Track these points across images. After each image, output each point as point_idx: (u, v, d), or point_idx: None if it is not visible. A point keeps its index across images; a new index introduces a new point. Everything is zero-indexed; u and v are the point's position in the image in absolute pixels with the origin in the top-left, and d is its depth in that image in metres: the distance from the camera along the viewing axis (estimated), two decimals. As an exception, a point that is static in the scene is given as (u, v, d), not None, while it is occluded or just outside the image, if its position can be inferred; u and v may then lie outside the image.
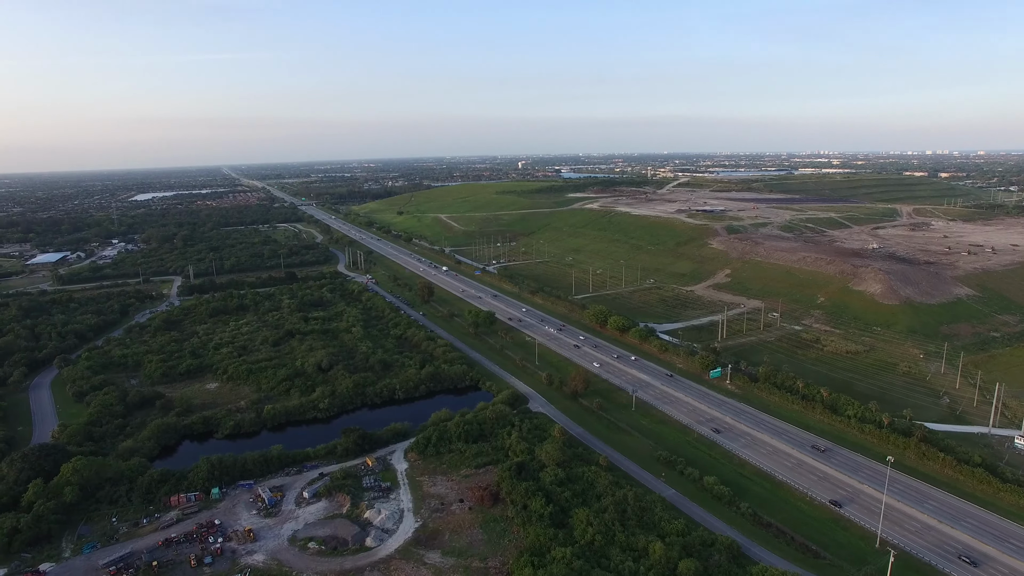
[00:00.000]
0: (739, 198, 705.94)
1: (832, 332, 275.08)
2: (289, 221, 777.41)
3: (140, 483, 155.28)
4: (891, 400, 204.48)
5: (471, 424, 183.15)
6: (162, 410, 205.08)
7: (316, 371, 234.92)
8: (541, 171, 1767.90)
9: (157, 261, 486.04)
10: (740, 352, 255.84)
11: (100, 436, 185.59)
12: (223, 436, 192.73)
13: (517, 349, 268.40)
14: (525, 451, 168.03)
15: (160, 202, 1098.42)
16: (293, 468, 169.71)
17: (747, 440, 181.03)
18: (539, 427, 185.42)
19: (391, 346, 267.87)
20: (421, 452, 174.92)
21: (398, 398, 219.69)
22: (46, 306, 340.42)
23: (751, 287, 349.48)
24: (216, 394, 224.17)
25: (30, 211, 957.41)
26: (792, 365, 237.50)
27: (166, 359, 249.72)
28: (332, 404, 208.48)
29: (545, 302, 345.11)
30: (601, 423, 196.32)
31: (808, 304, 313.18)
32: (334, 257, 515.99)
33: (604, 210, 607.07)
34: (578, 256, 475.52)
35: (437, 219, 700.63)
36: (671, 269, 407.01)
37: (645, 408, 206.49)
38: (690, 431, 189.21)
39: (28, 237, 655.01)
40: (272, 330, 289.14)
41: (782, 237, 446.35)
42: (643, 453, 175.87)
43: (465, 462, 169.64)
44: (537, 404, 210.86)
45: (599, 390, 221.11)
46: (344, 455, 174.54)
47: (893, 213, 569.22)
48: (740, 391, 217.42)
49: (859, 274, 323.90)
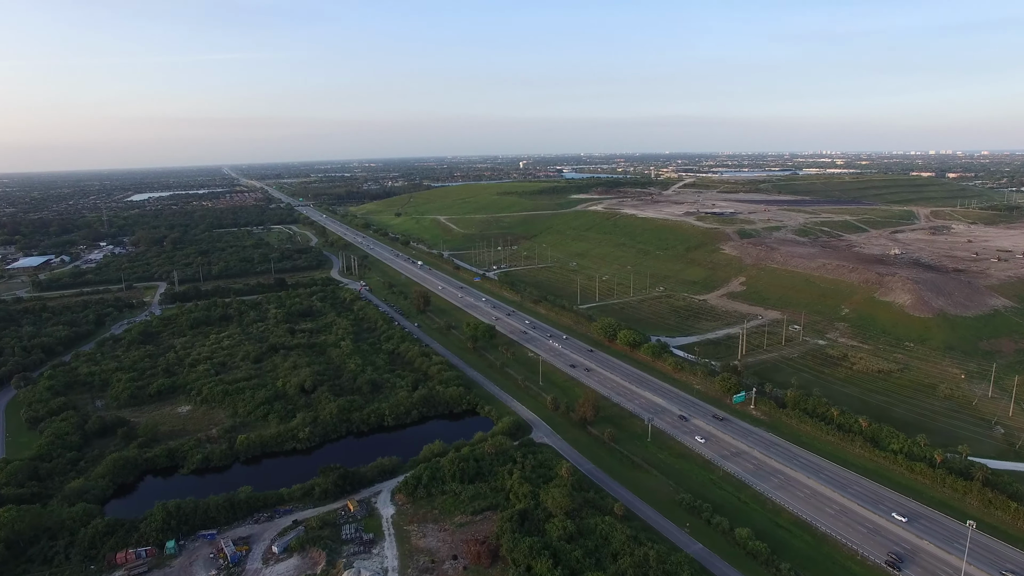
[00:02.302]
0: (748, 200, 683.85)
1: (860, 348, 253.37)
2: (284, 223, 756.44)
3: (82, 536, 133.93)
4: (936, 430, 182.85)
5: (467, 461, 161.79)
6: (124, 439, 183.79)
7: (298, 393, 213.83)
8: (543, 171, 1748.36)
9: (143, 266, 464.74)
10: (762, 371, 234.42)
11: (47, 473, 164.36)
12: (189, 471, 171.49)
13: (519, 367, 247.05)
14: (529, 495, 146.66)
15: (155, 202, 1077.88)
16: (263, 513, 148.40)
17: (780, 480, 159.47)
18: (544, 464, 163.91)
19: (382, 363, 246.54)
20: (410, 494, 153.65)
21: (387, 425, 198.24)
22: (16, 316, 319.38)
23: (768, 296, 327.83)
24: (187, 419, 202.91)
25: (22, 212, 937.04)
26: (820, 386, 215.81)
27: (136, 378, 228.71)
28: (314, 433, 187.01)
29: (549, 312, 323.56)
30: (614, 457, 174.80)
31: (831, 316, 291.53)
32: (328, 261, 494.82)
33: (609, 212, 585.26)
34: (583, 261, 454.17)
35: (436, 221, 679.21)
36: (682, 276, 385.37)
37: (662, 439, 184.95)
38: (714, 467, 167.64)
39: (14, 239, 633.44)
40: (255, 344, 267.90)
41: (798, 242, 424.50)
42: (663, 496, 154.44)
43: (460, 507, 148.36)
44: (541, 434, 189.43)
45: (610, 416, 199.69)
46: (322, 497, 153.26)
47: (910, 216, 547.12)
48: (767, 418, 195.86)
49: (885, 283, 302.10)
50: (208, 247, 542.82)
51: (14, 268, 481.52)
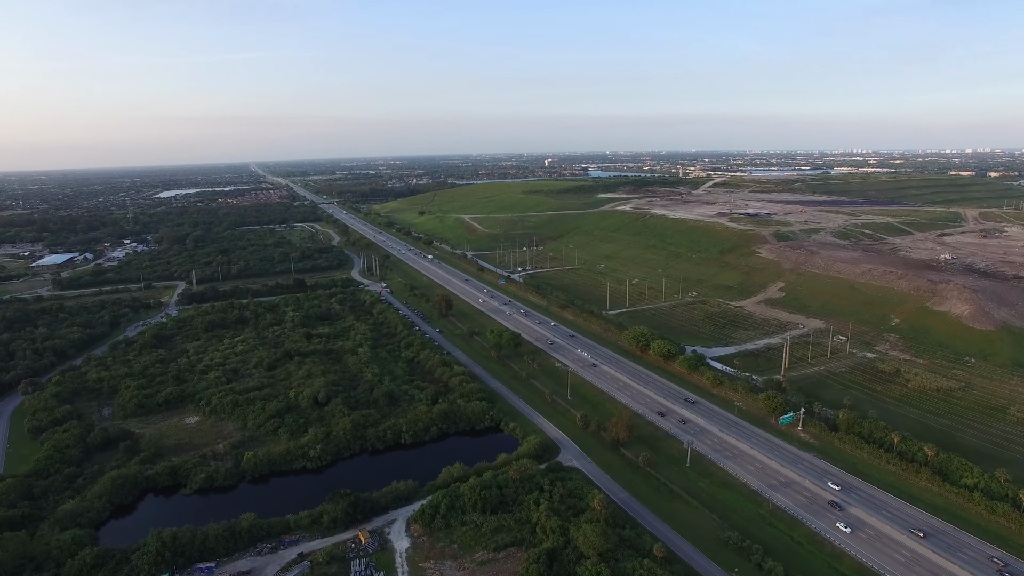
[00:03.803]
0: (782, 200, 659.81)
1: (914, 363, 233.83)
2: (307, 221, 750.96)
3: (69, 569, 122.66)
4: (1012, 461, 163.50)
5: (490, 488, 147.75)
6: (126, 454, 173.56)
7: (311, 405, 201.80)
8: (568, 169, 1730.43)
9: (163, 264, 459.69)
10: (807, 387, 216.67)
11: (42, 492, 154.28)
12: (192, 491, 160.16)
13: (546, 379, 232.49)
14: (557, 530, 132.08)
15: (182, 200, 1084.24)
16: (267, 544, 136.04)
17: (838, 516, 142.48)
18: (574, 493, 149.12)
19: (400, 372, 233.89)
20: (427, 525, 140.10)
21: (404, 442, 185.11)
22: (33, 316, 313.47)
23: (810, 304, 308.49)
24: (194, 432, 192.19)
25: (53, 208, 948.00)
26: (872, 405, 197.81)
27: (145, 385, 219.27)
28: (325, 451, 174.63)
29: (576, 318, 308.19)
30: (650, 485, 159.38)
31: (880, 326, 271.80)
32: (349, 261, 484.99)
33: (638, 212, 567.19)
34: (611, 263, 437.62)
35: (460, 220, 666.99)
36: (716, 280, 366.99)
37: (702, 464, 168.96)
38: (762, 500, 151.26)
39: (42, 236, 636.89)
40: (269, 350, 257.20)
41: (838, 245, 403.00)
42: (706, 533, 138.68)
43: (481, 541, 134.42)
44: (570, 455, 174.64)
45: (644, 436, 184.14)
46: (331, 527, 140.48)
47: (957, 217, 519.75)
48: (817, 442, 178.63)
49: (939, 291, 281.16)
50: (229, 245, 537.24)
51: (38, 266, 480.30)
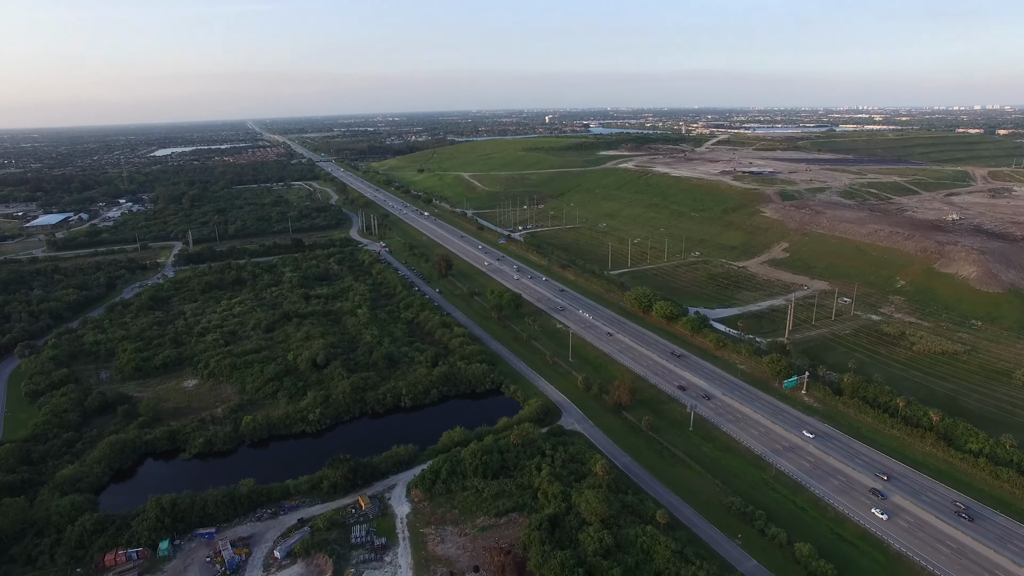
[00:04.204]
0: (786, 158, 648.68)
1: (919, 325, 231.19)
2: (305, 179, 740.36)
3: (69, 534, 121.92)
4: (1017, 425, 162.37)
5: (491, 453, 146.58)
6: (124, 418, 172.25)
7: (310, 368, 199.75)
8: (569, 126, 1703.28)
9: (159, 224, 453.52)
10: (811, 349, 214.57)
11: (41, 457, 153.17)
12: (191, 456, 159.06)
13: (547, 339, 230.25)
14: (559, 496, 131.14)
15: (177, 158, 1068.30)
16: (267, 510, 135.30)
17: (841, 482, 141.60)
18: (576, 457, 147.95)
19: (400, 334, 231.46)
20: (428, 490, 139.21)
21: (404, 405, 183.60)
22: (28, 277, 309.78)
23: (814, 265, 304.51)
24: (193, 395, 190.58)
25: (47, 167, 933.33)
26: (876, 368, 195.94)
27: (143, 348, 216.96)
28: (325, 415, 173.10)
29: (578, 278, 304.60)
30: (652, 449, 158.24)
31: (885, 288, 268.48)
32: (347, 220, 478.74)
33: (640, 170, 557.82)
34: (612, 222, 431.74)
35: (459, 178, 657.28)
36: (719, 240, 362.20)
37: (705, 428, 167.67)
38: (766, 465, 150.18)
39: (36, 196, 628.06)
40: (267, 311, 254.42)
41: (844, 205, 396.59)
42: (709, 498, 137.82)
43: (483, 506, 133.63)
44: (572, 419, 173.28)
45: (646, 399, 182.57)
46: (331, 492, 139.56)
47: (965, 177, 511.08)
48: (821, 405, 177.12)
49: (946, 252, 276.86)
50: (226, 205, 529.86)
51: (32, 226, 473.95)
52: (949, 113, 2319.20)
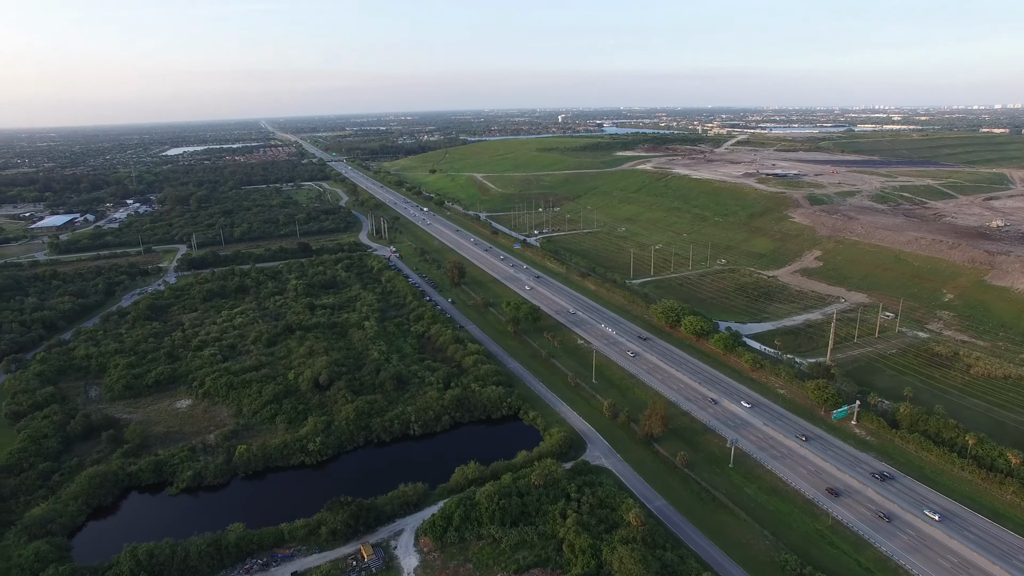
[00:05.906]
0: (810, 160, 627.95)
1: (974, 344, 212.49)
2: (315, 179, 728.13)
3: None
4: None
5: (509, 496, 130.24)
6: (109, 445, 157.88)
7: (312, 389, 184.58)
8: (582, 125, 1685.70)
9: (165, 227, 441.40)
10: (855, 371, 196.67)
11: (12, 491, 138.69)
12: (179, 490, 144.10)
13: (567, 357, 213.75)
14: (588, 551, 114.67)
15: (188, 157, 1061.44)
16: (257, 560, 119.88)
17: (911, 537, 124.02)
18: (606, 502, 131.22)
19: (410, 350, 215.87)
20: (439, 538, 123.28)
21: (413, 433, 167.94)
22: (24, 283, 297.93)
23: (850, 275, 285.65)
24: (185, 418, 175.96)
25: (59, 167, 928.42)
26: (934, 396, 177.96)
27: (135, 364, 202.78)
28: (326, 443, 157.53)
29: (599, 288, 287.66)
30: (690, 490, 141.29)
31: (931, 302, 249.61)
32: (357, 222, 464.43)
33: (659, 172, 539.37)
34: (632, 226, 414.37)
35: (472, 179, 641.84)
36: (746, 247, 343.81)
37: (747, 465, 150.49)
38: (820, 512, 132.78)
39: (44, 196, 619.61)
40: (270, 323, 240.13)
41: (877, 210, 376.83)
42: (758, 553, 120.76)
43: (500, 560, 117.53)
44: (598, 452, 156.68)
45: (679, 428, 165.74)
46: (330, 539, 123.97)
47: (1002, 179, 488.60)
48: (875, 440, 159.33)
49: (999, 264, 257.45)
50: (233, 206, 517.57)
51: (37, 228, 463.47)
52: (969, 112, 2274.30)
